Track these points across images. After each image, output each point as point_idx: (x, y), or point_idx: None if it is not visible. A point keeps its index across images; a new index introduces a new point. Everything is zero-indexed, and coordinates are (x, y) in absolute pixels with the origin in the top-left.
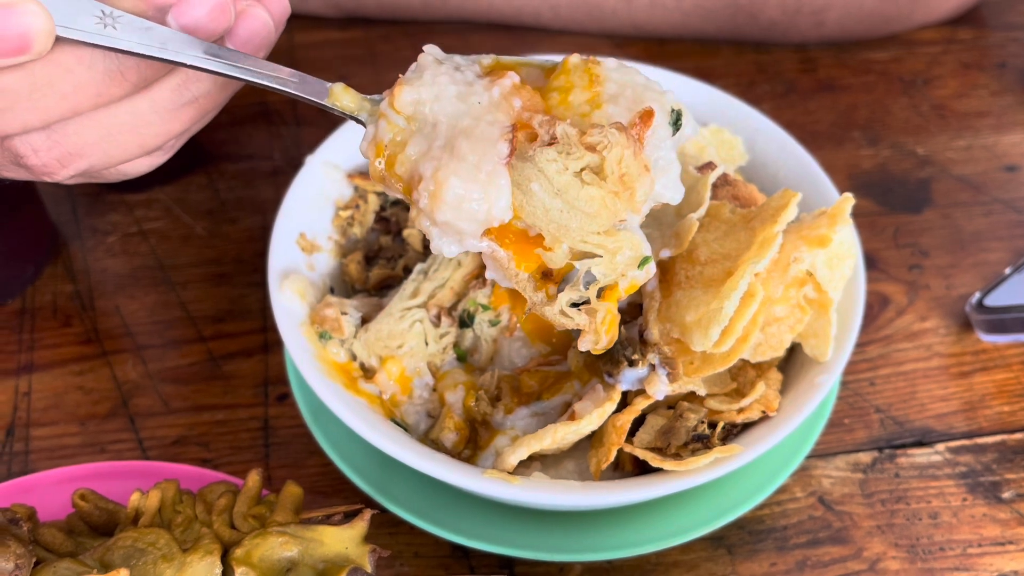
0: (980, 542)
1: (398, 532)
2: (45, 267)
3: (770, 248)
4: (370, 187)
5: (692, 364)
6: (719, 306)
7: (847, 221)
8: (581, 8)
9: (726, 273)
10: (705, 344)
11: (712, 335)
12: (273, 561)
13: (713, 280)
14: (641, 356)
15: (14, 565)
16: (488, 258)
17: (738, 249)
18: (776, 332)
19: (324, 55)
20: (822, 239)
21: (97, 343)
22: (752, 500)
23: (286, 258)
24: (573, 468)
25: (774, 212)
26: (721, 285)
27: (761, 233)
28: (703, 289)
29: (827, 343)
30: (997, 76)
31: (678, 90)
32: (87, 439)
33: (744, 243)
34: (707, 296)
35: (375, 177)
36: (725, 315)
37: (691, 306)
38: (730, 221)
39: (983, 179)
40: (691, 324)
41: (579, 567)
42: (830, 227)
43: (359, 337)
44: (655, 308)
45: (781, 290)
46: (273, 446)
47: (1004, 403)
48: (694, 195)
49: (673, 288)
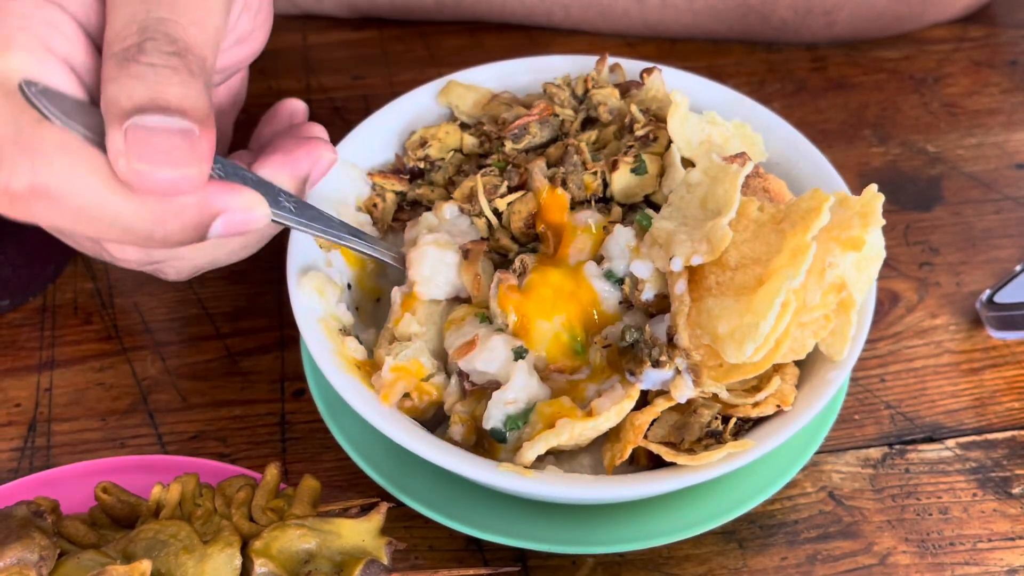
0: (990, 537)
1: (413, 525)
2: (65, 265)
3: (804, 259)
4: (388, 185)
5: (720, 368)
6: (754, 322)
7: (880, 220)
8: (593, 8)
9: (757, 280)
10: (739, 358)
11: (746, 351)
12: (292, 553)
13: (744, 287)
14: (668, 358)
15: (39, 556)
16: None
17: (768, 253)
18: (800, 336)
19: (338, 55)
20: (855, 241)
21: (117, 340)
22: (763, 495)
23: (305, 255)
24: (588, 463)
25: (804, 215)
26: (753, 293)
27: (792, 239)
28: (735, 298)
29: (844, 343)
30: (1008, 74)
31: (690, 89)
32: (107, 434)
33: (774, 246)
34: (739, 305)
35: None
36: (760, 334)
37: (723, 316)
38: (758, 220)
39: (994, 176)
40: (724, 336)
41: (591, 560)
42: (863, 228)
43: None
44: (684, 312)
45: (819, 296)
46: (290, 441)
47: (1014, 399)
48: (721, 189)
49: (703, 292)
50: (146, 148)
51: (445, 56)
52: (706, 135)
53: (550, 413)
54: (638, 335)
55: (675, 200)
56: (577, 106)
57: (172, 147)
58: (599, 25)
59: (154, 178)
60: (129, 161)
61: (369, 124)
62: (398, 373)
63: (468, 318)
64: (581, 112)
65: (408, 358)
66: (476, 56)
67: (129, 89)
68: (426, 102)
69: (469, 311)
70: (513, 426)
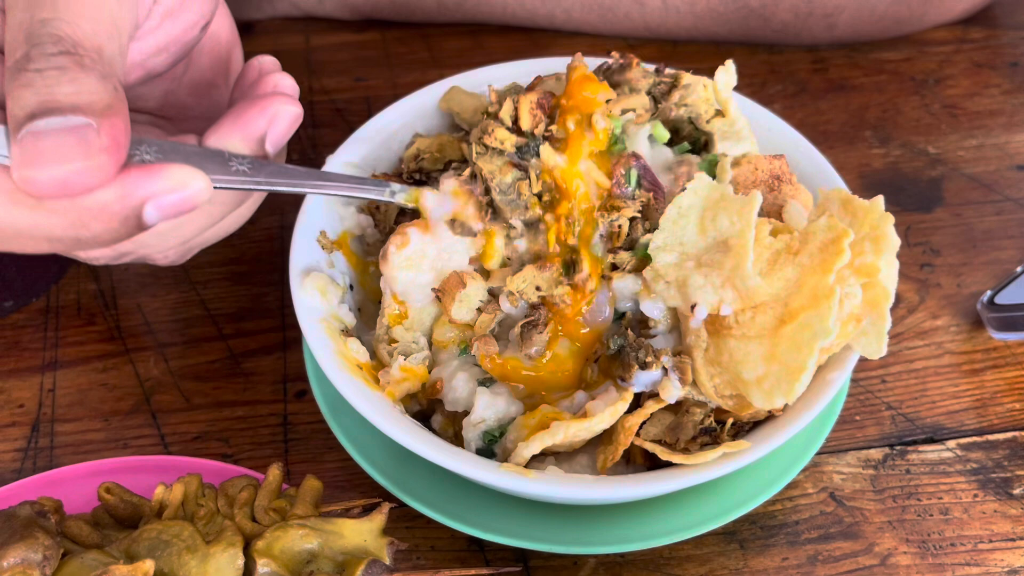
0: (991, 538)
1: (415, 526)
2: (69, 266)
3: (828, 308)
4: None
5: (738, 398)
6: (785, 377)
7: (892, 245)
8: (594, 11)
9: (779, 320)
10: (767, 406)
11: (776, 403)
12: (294, 553)
13: (766, 329)
14: (655, 358)
15: (42, 556)
16: None
17: (787, 290)
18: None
19: (340, 57)
20: (870, 269)
21: (120, 341)
22: (763, 495)
23: (307, 256)
24: (587, 463)
25: (823, 248)
26: (774, 335)
27: (811, 277)
28: (757, 342)
29: (881, 340)
30: (1009, 75)
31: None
32: (110, 435)
33: (791, 281)
34: (763, 350)
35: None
36: (795, 394)
37: (747, 361)
38: (772, 248)
39: (994, 178)
40: (750, 382)
41: (593, 560)
42: (876, 254)
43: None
44: (702, 348)
45: (839, 327)
46: (292, 441)
47: (1015, 400)
48: (727, 220)
49: (721, 329)
50: (34, 153)
51: (447, 58)
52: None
53: (534, 425)
54: (622, 340)
55: (667, 225)
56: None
57: (60, 146)
58: (600, 27)
59: (43, 180)
60: (19, 169)
61: (371, 126)
62: (407, 374)
63: (450, 348)
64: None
65: (418, 361)
66: (478, 58)
67: (22, 99)
68: (428, 104)
69: (453, 338)
70: (492, 439)
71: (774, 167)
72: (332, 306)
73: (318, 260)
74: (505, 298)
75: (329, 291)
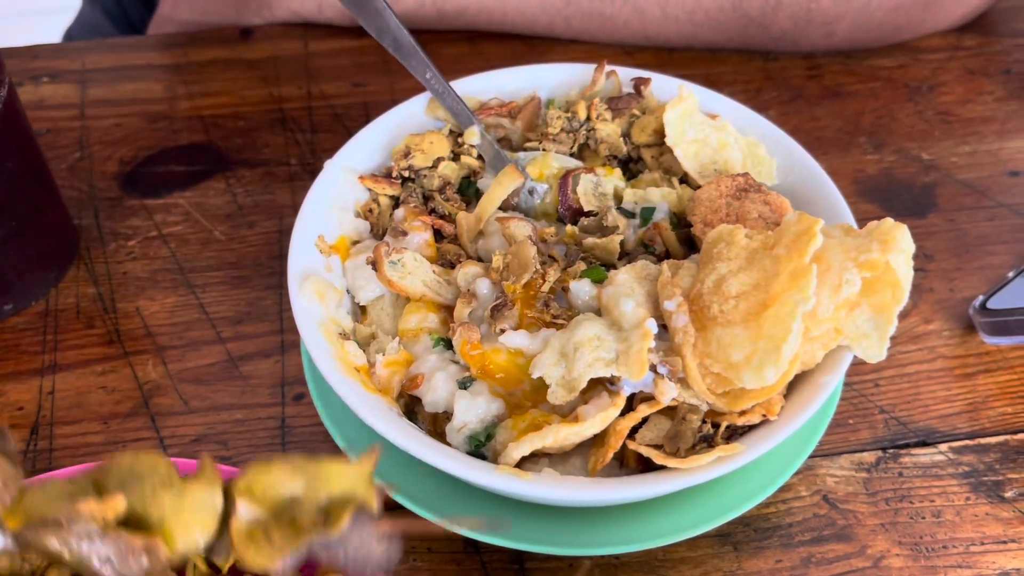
0: (983, 540)
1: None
2: (68, 270)
3: (808, 281)
4: (379, 190)
5: (729, 394)
6: (772, 347)
7: (900, 248)
8: (594, 20)
9: (761, 305)
10: (759, 383)
11: (767, 376)
12: (276, 495)
13: (750, 314)
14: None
15: (1, 483)
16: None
17: (765, 279)
18: (810, 349)
19: (339, 63)
20: (873, 264)
21: (119, 344)
22: (757, 498)
23: (305, 260)
24: (580, 465)
25: (796, 239)
26: (759, 318)
27: (788, 262)
28: (743, 326)
29: (884, 342)
30: (1002, 82)
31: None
32: (109, 437)
33: (770, 271)
34: (748, 332)
35: None
36: (784, 359)
37: (735, 344)
38: (749, 248)
39: (987, 184)
40: (739, 363)
41: (588, 561)
42: (882, 252)
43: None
44: (690, 343)
45: (832, 308)
46: (290, 444)
47: (1007, 404)
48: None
49: (708, 322)
50: None
51: (445, 64)
52: (703, 136)
53: (525, 427)
54: None
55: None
56: (575, 132)
57: None
58: (599, 36)
59: None
60: None
61: (369, 131)
62: (392, 368)
63: (422, 337)
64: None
65: (395, 350)
66: (476, 64)
67: None
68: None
69: (421, 328)
70: (479, 443)
71: (738, 182)
72: (330, 310)
73: (316, 264)
74: (459, 274)
75: (327, 295)
